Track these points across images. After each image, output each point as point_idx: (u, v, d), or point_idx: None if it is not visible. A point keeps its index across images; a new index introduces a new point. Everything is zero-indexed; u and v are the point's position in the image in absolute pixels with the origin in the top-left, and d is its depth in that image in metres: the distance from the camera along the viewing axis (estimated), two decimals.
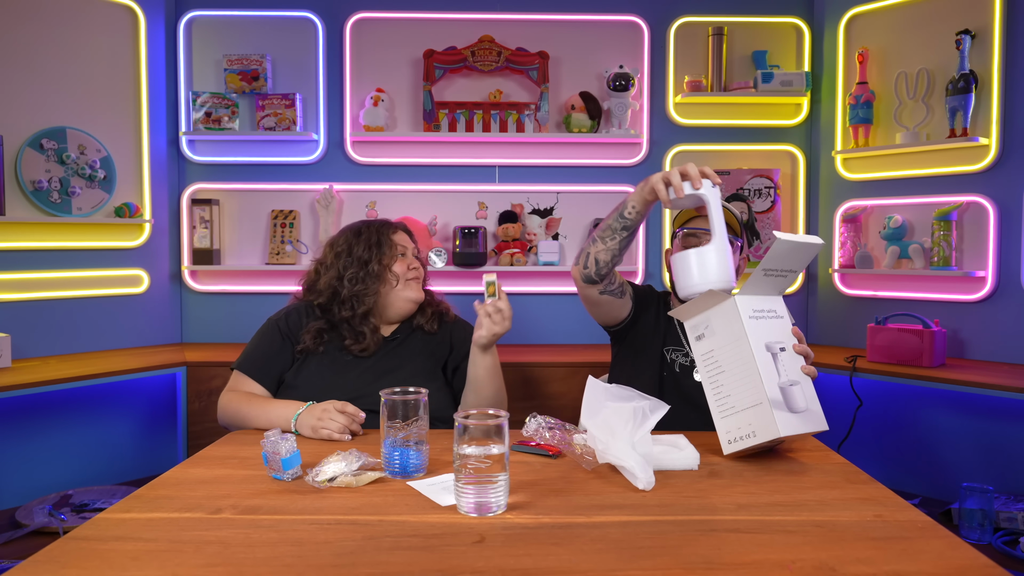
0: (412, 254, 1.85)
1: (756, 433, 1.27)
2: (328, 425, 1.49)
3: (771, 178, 3.00)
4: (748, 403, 1.28)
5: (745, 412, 1.29)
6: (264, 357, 1.75)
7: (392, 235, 1.83)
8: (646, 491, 1.18)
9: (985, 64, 2.59)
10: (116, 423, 2.79)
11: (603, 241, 1.62)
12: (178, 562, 0.92)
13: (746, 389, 1.29)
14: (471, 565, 0.91)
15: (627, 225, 1.58)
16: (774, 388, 1.28)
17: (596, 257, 1.64)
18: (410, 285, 1.80)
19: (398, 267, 1.79)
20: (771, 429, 1.25)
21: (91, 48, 2.78)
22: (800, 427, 1.28)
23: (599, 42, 3.06)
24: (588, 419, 1.31)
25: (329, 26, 3.02)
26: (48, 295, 2.71)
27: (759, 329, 1.32)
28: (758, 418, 1.27)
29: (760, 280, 1.34)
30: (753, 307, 1.33)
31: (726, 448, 1.32)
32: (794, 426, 1.27)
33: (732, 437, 1.31)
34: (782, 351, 1.34)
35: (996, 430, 2.47)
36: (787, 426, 1.25)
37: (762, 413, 1.26)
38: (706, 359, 1.35)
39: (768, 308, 1.37)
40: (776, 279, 1.37)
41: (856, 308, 2.92)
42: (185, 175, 3.04)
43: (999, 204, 2.57)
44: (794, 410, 1.29)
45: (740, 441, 1.30)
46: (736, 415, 1.30)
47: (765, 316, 1.35)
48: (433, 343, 1.83)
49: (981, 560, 0.93)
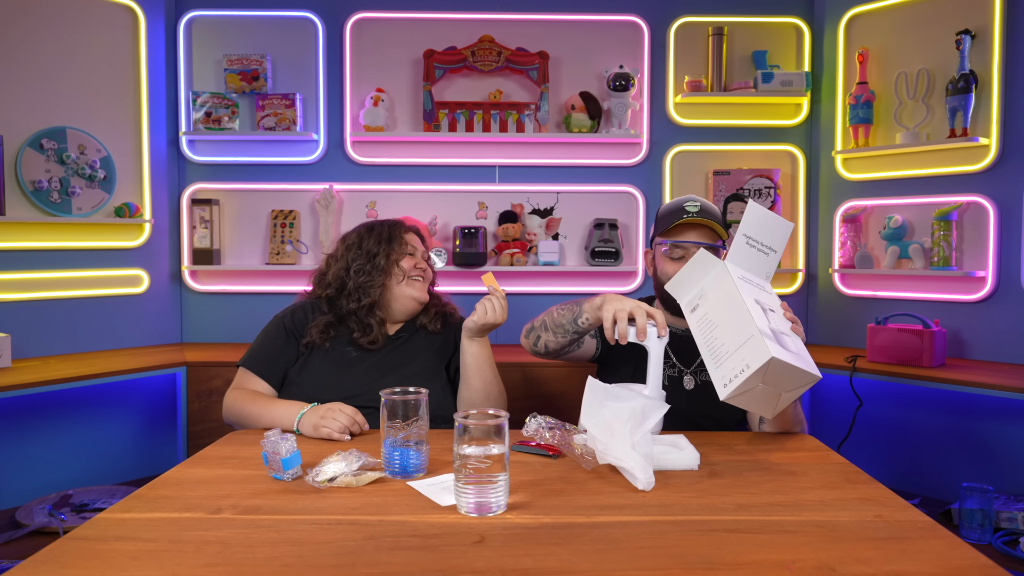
0: (421, 256, 1.87)
1: (749, 364, 1.25)
2: (329, 424, 1.50)
3: (771, 178, 3.00)
4: (740, 342, 1.29)
5: (738, 351, 1.29)
6: (269, 354, 1.76)
7: (404, 234, 1.86)
8: (646, 491, 1.18)
9: (985, 64, 2.59)
10: (116, 423, 2.79)
11: (554, 334, 1.66)
12: (178, 562, 0.92)
13: (737, 331, 1.30)
14: (471, 565, 0.91)
15: (579, 331, 1.62)
16: (765, 325, 1.29)
17: (546, 343, 1.69)
18: (414, 284, 1.82)
19: (405, 263, 1.81)
20: (762, 354, 1.23)
21: (91, 48, 2.78)
22: (792, 360, 1.26)
23: (599, 42, 3.06)
24: (588, 419, 1.31)
25: (329, 26, 3.02)
26: (48, 295, 2.71)
27: (749, 289, 1.37)
28: (750, 350, 1.26)
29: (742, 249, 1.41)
30: (742, 274, 1.40)
31: (722, 392, 1.30)
32: (786, 356, 1.25)
33: (728, 379, 1.29)
34: (772, 311, 1.37)
35: (996, 430, 2.47)
36: (779, 353, 1.24)
37: (753, 344, 1.26)
38: (701, 323, 1.39)
39: (757, 281, 1.43)
40: (757, 253, 1.42)
41: (856, 308, 2.92)
42: (185, 175, 3.04)
43: (999, 204, 2.57)
44: (786, 349, 1.28)
45: (735, 379, 1.27)
46: (729, 358, 1.30)
47: (752, 283, 1.40)
48: (437, 342, 1.84)
49: (981, 560, 0.93)
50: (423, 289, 1.83)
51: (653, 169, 3.06)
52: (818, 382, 1.38)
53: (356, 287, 1.78)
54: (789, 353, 1.27)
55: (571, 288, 3.08)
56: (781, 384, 1.29)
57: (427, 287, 1.86)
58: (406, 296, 1.80)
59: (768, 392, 1.29)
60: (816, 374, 1.30)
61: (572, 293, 3.07)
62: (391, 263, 1.79)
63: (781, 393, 1.31)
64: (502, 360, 2.57)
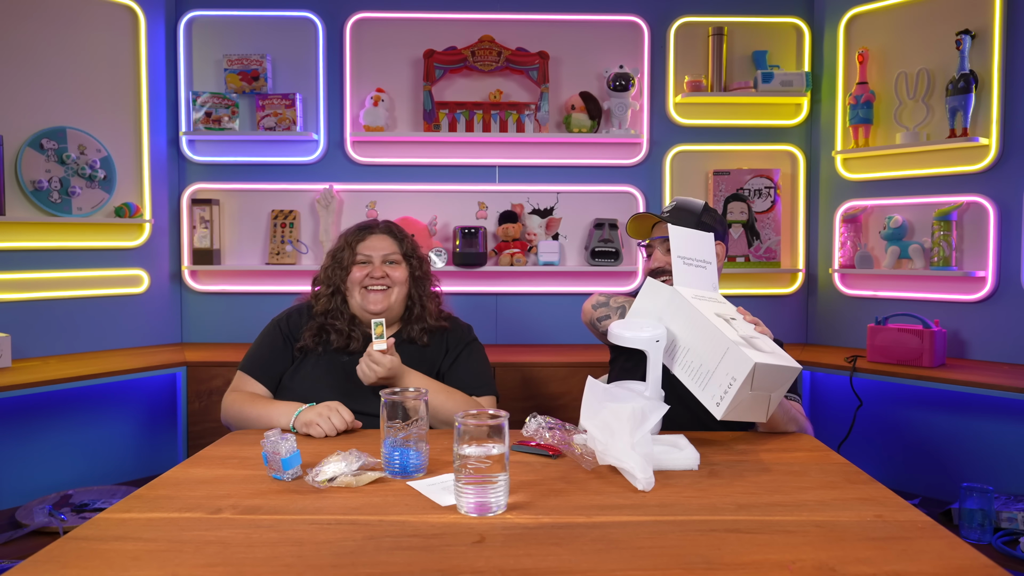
0: (381, 260, 1.77)
1: (735, 376, 1.27)
2: (323, 424, 1.50)
3: (771, 178, 3.00)
4: (718, 358, 1.30)
5: (719, 367, 1.30)
6: (266, 357, 1.77)
7: (359, 243, 1.79)
8: (646, 491, 1.18)
9: (985, 64, 2.59)
10: (116, 423, 2.79)
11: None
12: (178, 562, 0.92)
13: (712, 349, 1.31)
14: (471, 565, 0.91)
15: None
16: (735, 336, 1.32)
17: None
18: (366, 295, 1.75)
19: (355, 274, 1.76)
20: (744, 363, 1.25)
21: (91, 48, 2.78)
22: (772, 359, 1.29)
23: (599, 42, 3.06)
24: (588, 420, 1.31)
25: (329, 26, 3.02)
26: (48, 295, 2.71)
27: (706, 306, 1.39)
28: (731, 363, 1.28)
29: (682, 269, 1.45)
30: (694, 292, 1.43)
31: (717, 411, 1.31)
32: (766, 358, 1.28)
33: (717, 398, 1.31)
34: (733, 320, 1.39)
35: (996, 430, 2.47)
36: (760, 357, 1.27)
37: (732, 356, 1.28)
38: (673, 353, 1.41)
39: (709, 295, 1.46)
40: (697, 269, 1.47)
41: (856, 308, 2.92)
42: (185, 175, 3.04)
43: (999, 204, 2.57)
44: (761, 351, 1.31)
45: (726, 395, 1.29)
46: (713, 376, 1.31)
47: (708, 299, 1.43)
48: (429, 348, 1.83)
49: (981, 560, 0.93)
50: (379, 300, 1.74)
51: (653, 169, 3.06)
52: (819, 382, 1.40)
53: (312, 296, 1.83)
54: (766, 354, 1.30)
55: (571, 288, 3.08)
56: (768, 386, 1.32)
57: (390, 295, 1.76)
58: (359, 307, 1.77)
59: (758, 397, 1.31)
60: (796, 366, 1.34)
61: (572, 293, 3.07)
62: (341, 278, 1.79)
63: (770, 395, 1.34)
64: (502, 360, 2.59)
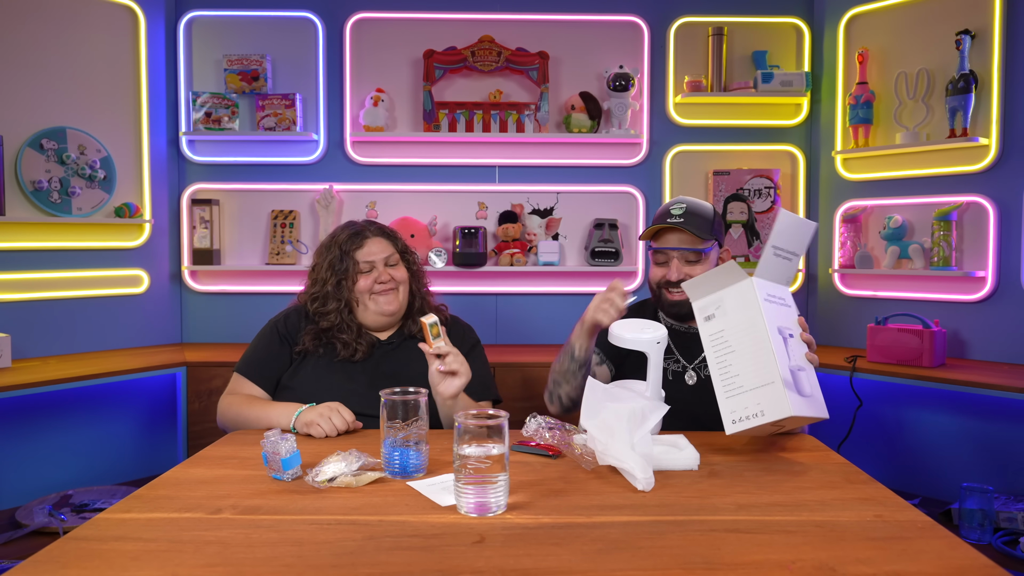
0: (383, 263, 1.77)
1: (765, 412, 1.25)
2: (324, 424, 1.50)
3: (771, 178, 2.99)
4: (758, 383, 1.26)
5: (754, 391, 1.27)
6: (263, 359, 1.76)
7: (357, 251, 1.77)
8: (646, 491, 1.18)
9: (985, 64, 2.59)
10: (116, 423, 2.79)
11: (567, 383, 1.68)
12: (178, 562, 0.92)
13: (758, 368, 1.27)
14: (471, 565, 0.91)
15: (582, 363, 1.65)
16: (786, 369, 1.27)
17: (569, 395, 1.70)
18: (377, 299, 1.76)
19: (362, 284, 1.75)
20: (782, 408, 1.23)
21: (91, 48, 2.78)
22: (807, 410, 1.27)
23: (599, 42, 3.06)
24: (588, 420, 1.31)
25: (329, 26, 3.02)
26: (48, 295, 2.71)
27: (773, 312, 1.32)
28: (768, 397, 1.25)
29: (770, 261, 1.35)
30: (767, 291, 1.34)
31: (729, 428, 1.30)
32: (803, 408, 1.26)
33: (738, 416, 1.29)
34: (791, 337, 1.33)
35: (996, 430, 2.47)
36: (798, 407, 1.24)
37: (773, 392, 1.25)
38: (715, 339, 1.34)
39: (779, 296, 1.37)
40: (782, 261, 1.38)
41: (856, 308, 2.92)
42: (185, 175, 3.04)
43: (999, 204, 2.57)
44: (802, 394, 1.28)
45: (746, 420, 1.27)
46: (744, 395, 1.28)
47: (776, 302, 1.35)
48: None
49: (981, 560, 0.93)
50: (391, 300, 1.76)
51: (653, 169, 3.06)
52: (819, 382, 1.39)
53: (315, 312, 1.77)
54: (804, 400, 1.27)
55: (571, 288, 3.07)
56: (789, 424, 1.31)
57: (399, 292, 1.78)
58: (372, 313, 1.76)
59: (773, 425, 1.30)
60: (824, 415, 1.32)
61: (572, 293, 3.07)
62: (346, 289, 1.75)
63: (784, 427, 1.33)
64: (502, 360, 2.59)
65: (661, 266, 1.72)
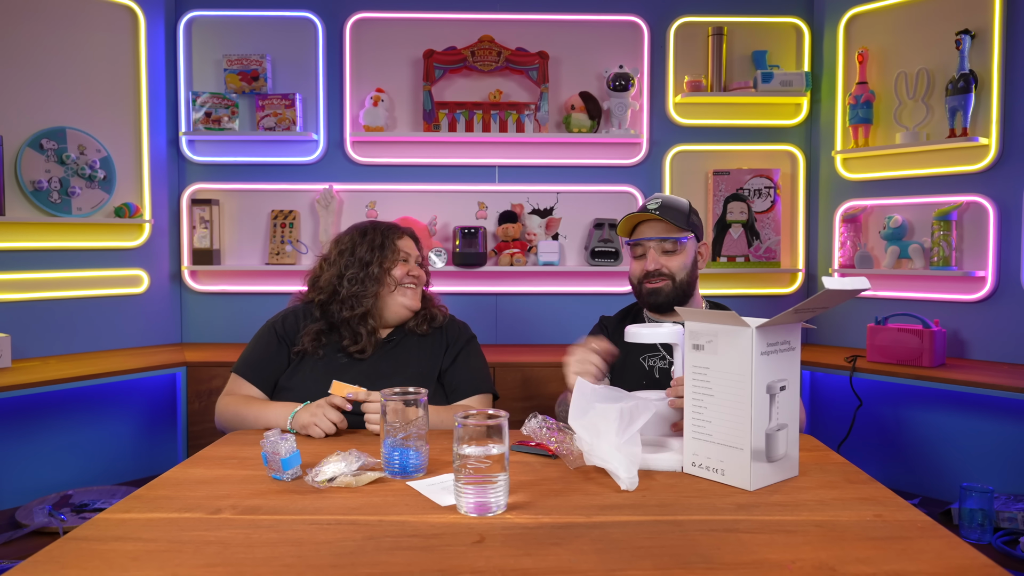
0: (415, 261, 1.84)
1: (725, 473, 1.22)
2: (320, 423, 1.50)
3: (771, 178, 3.00)
4: (727, 441, 1.22)
5: (720, 448, 1.22)
6: (260, 360, 1.76)
7: (397, 240, 1.82)
8: (646, 491, 1.18)
9: (985, 64, 2.59)
10: (116, 423, 2.79)
11: None
12: (178, 562, 0.92)
13: (730, 428, 1.21)
14: (471, 565, 0.91)
15: None
16: (760, 436, 1.20)
17: None
18: (406, 292, 1.80)
19: (398, 271, 1.79)
20: (742, 479, 1.20)
21: (91, 48, 2.78)
22: (771, 479, 1.23)
23: (599, 42, 3.06)
24: (575, 420, 1.30)
25: (329, 26, 3.02)
26: (48, 295, 2.71)
27: (767, 366, 1.21)
28: (733, 461, 1.21)
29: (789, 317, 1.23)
30: (768, 341, 1.21)
31: (687, 467, 1.28)
32: (766, 478, 1.22)
33: (699, 462, 1.26)
34: (782, 390, 1.24)
35: (996, 430, 2.47)
36: (758, 479, 1.20)
37: (739, 459, 1.20)
38: (698, 373, 1.26)
39: (783, 340, 1.25)
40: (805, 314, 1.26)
41: (856, 308, 2.92)
42: (185, 175, 3.04)
43: (999, 204, 2.57)
44: (772, 458, 1.22)
45: (704, 470, 1.25)
46: (710, 445, 1.24)
47: (778, 350, 1.24)
48: (428, 345, 1.83)
49: (981, 560, 0.92)
50: (416, 297, 1.81)
51: (653, 169, 3.06)
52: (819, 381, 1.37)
53: (349, 295, 1.75)
54: (770, 467, 1.22)
55: (571, 288, 3.08)
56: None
57: (420, 293, 1.84)
58: (398, 304, 1.79)
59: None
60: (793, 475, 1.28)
61: (572, 293, 3.07)
62: (384, 272, 1.76)
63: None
64: (502, 360, 2.59)
65: (639, 259, 1.77)
